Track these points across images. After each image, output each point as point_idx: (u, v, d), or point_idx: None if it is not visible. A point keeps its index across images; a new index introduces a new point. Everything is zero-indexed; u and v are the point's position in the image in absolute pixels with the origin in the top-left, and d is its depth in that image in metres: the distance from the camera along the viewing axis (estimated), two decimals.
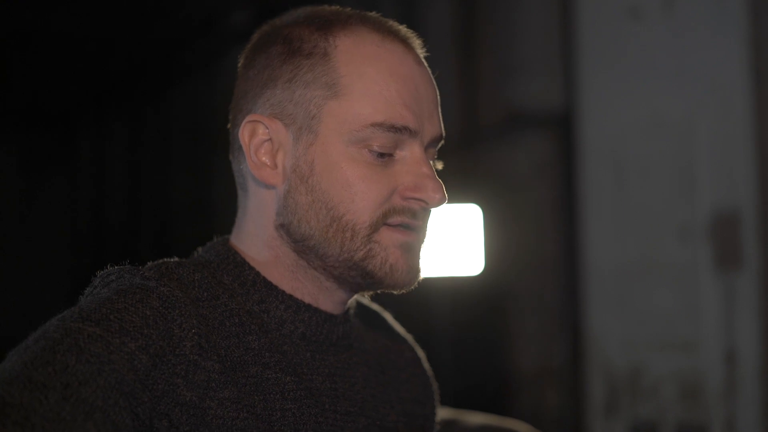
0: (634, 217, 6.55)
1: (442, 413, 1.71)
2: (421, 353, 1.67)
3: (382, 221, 1.39)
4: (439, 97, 1.45)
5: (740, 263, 5.94)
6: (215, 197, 6.67)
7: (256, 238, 1.44)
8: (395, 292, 1.44)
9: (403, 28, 1.45)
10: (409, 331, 1.67)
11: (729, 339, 5.99)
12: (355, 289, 1.44)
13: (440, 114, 1.45)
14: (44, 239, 7.26)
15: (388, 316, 1.64)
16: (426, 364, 1.67)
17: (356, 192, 1.37)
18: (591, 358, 6.89)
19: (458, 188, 1.42)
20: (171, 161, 7.37)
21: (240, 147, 1.43)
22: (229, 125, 1.49)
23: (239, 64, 1.49)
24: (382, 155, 1.37)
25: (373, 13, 1.46)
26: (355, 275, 1.41)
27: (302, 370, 1.40)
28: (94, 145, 7.61)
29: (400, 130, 1.37)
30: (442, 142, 1.45)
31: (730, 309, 5.95)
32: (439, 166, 1.44)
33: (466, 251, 6.07)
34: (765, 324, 5.90)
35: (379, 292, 1.45)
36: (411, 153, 1.40)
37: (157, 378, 1.26)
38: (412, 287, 1.43)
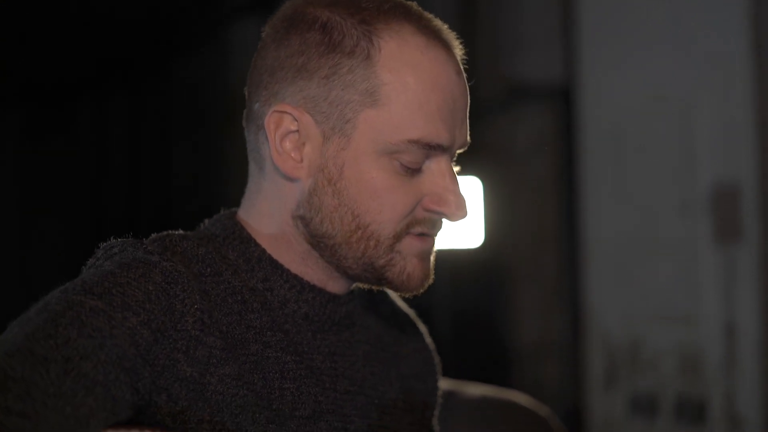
0: (634, 190, 6.54)
1: (442, 384, 1.72)
2: (423, 328, 1.67)
3: (405, 232, 1.38)
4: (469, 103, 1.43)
5: (740, 237, 5.94)
6: (217, 172, 6.66)
7: (269, 219, 1.42)
8: (404, 295, 1.45)
9: (445, 29, 1.41)
10: (409, 305, 1.67)
11: (729, 312, 5.99)
12: (364, 283, 1.44)
13: (468, 121, 1.43)
14: (44, 212, 7.25)
15: (391, 291, 1.63)
16: (428, 339, 1.67)
17: (384, 203, 1.36)
18: (590, 332, 6.89)
19: (458, 161, 1.41)
20: (172, 135, 7.36)
21: (260, 125, 1.41)
22: (245, 91, 1.46)
23: (264, 33, 1.44)
24: (410, 168, 1.37)
25: (413, 3, 1.43)
26: (370, 276, 1.40)
27: (303, 349, 1.40)
28: (95, 118, 7.60)
29: (433, 147, 1.36)
30: (466, 147, 1.44)
31: (729, 282, 5.95)
32: (457, 168, 1.43)
33: (465, 224, 6.06)
34: (765, 297, 5.90)
35: None
36: (438, 165, 1.39)
37: (158, 353, 1.26)
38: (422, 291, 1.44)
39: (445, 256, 6.33)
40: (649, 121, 6.42)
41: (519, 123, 6.80)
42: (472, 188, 4.79)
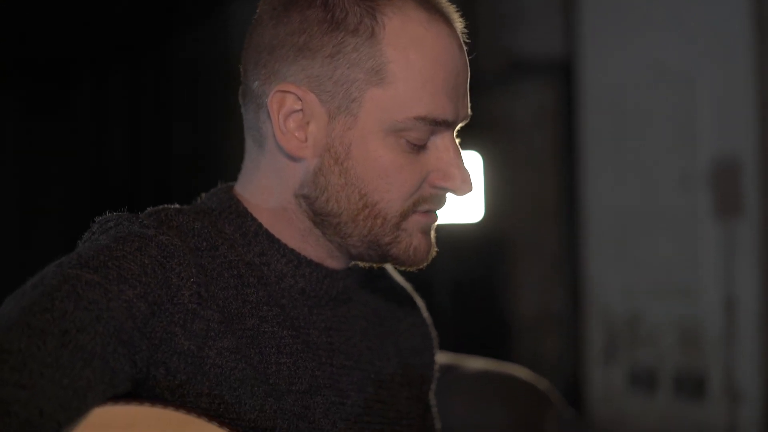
0: (634, 165, 6.53)
1: (441, 358, 1.72)
2: (420, 302, 1.67)
3: (412, 210, 1.38)
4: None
5: (740, 211, 5.93)
6: (216, 146, 6.65)
7: (269, 196, 1.41)
8: (409, 269, 1.45)
9: (445, 3, 1.40)
10: (407, 278, 1.67)
11: (728, 286, 5.99)
12: (367, 261, 1.44)
13: (468, 95, 1.43)
14: (43, 186, 7.24)
15: (388, 266, 1.63)
16: (425, 313, 1.67)
17: (392, 182, 1.35)
18: (590, 306, 6.89)
19: (458, 135, 1.40)
20: (172, 110, 7.34)
21: (260, 104, 1.39)
22: (241, 68, 1.45)
23: (260, 9, 1.42)
24: (416, 145, 1.36)
25: None
26: (374, 254, 1.40)
27: (299, 324, 1.40)
28: (94, 94, 7.59)
29: (439, 123, 1.36)
30: (467, 120, 1.43)
31: (729, 256, 5.95)
32: (458, 140, 1.42)
33: (466, 198, 6.05)
34: (764, 271, 5.90)
35: None
36: (442, 140, 1.38)
37: (155, 326, 1.25)
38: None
39: (446, 230, 6.33)
40: (649, 95, 6.41)
41: (519, 97, 6.78)
42: (472, 163, 4.79)
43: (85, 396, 1.15)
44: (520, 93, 6.52)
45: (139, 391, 1.25)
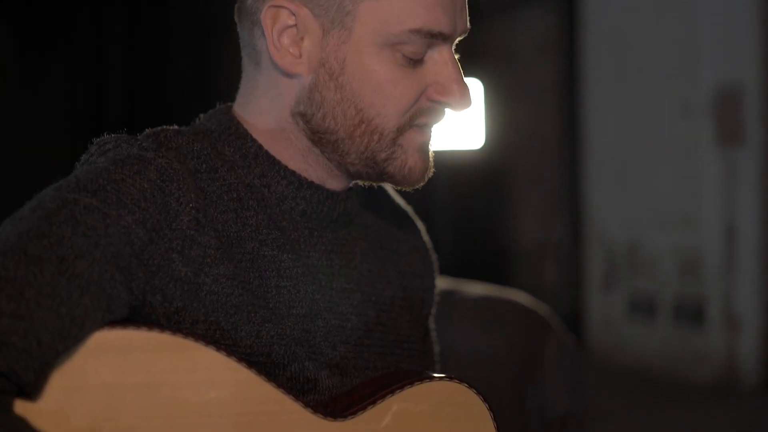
0: (636, 93, 6.51)
1: (441, 283, 1.71)
2: (421, 225, 1.66)
3: (409, 125, 1.36)
4: None
5: (742, 140, 5.92)
6: (215, 82, 6.62)
7: (267, 115, 1.40)
8: (404, 189, 1.43)
9: None
10: (408, 202, 1.66)
11: (729, 215, 5.99)
12: (365, 180, 1.43)
13: (467, 7, 1.40)
14: (42, 123, 7.22)
15: (389, 188, 1.62)
16: (426, 237, 1.66)
17: (388, 96, 1.34)
18: (590, 234, 6.90)
19: (459, 62, 1.38)
20: (170, 45, 7.31)
21: (255, 20, 1.38)
22: None
23: None
24: (412, 59, 1.34)
25: None
26: (371, 172, 1.39)
27: (299, 247, 1.39)
28: (94, 19, 7.54)
29: (435, 36, 1.34)
30: (466, 33, 1.41)
31: (730, 185, 5.95)
32: (456, 56, 1.40)
33: (466, 125, 6.04)
34: (765, 200, 5.90)
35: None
36: (440, 54, 1.37)
37: (153, 253, 1.25)
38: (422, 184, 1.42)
39: (446, 157, 6.32)
40: (651, 23, 6.37)
41: (521, 25, 6.73)
42: (473, 89, 4.77)
43: (83, 324, 1.15)
44: (521, 20, 6.47)
45: (135, 317, 1.25)
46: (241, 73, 1.44)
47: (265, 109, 1.40)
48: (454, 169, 6.34)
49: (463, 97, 1.37)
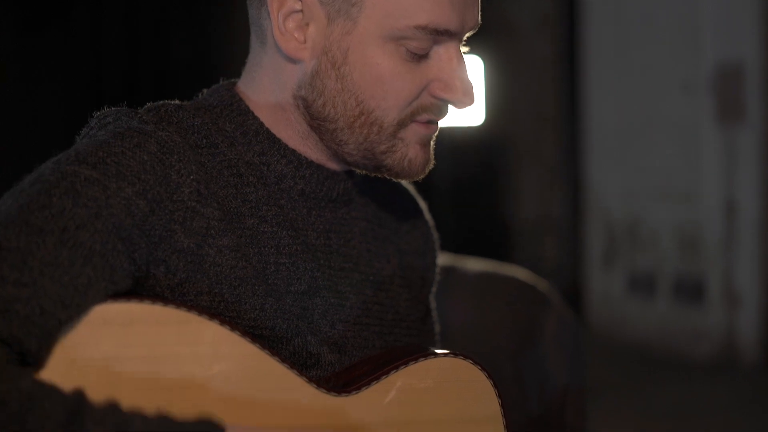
0: (637, 70, 6.50)
1: (441, 259, 1.71)
2: (422, 204, 1.66)
3: (410, 119, 1.36)
4: None
5: (742, 116, 5.92)
6: (215, 65, 6.61)
7: (269, 94, 1.39)
8: (404, 181, 1.43)
9: None
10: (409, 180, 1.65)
11: (729, 191, 5.99)
12: (361, 170, 1.42)
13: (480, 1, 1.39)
14: (41, 97, 7.21)
15: None
16: (427, 215, 1.66)
17: (388, 90, 1.33)
18: (590, 209, 6.90)
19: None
20: (170, 17, 7.29)
21: (263, 0, 1.37)
22: None
23: None
24: (417, 54, 1.34)
25: None
26: (368, 163, 1.38)
27: (298, 225, 1.39)
28: (91, 5, 7.53)
29: (441, 33, 1.33)
30: (476, 29, 1.40)
31: (730, 161, 5.95)
32: (465, 49, 1.39)
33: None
34: (765, 176, 5.90)
35: None
36: (446, 50, 1.35)
37: (155, 224, 1.24)
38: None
39: (446, 133, 6.32)
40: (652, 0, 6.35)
41: (521, 0, 6.72)
42: (473, 66, 4.75)
43: (86, 293, 1.15)
44: None
45: (139, 290, 1.25)
46: (249, 50, 1.44)
47: (267, 87, 1.39)
48: (455, 146, 6.33)
49: (465, 95, 1.36)
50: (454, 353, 1.35)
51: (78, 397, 1.10)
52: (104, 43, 7.33)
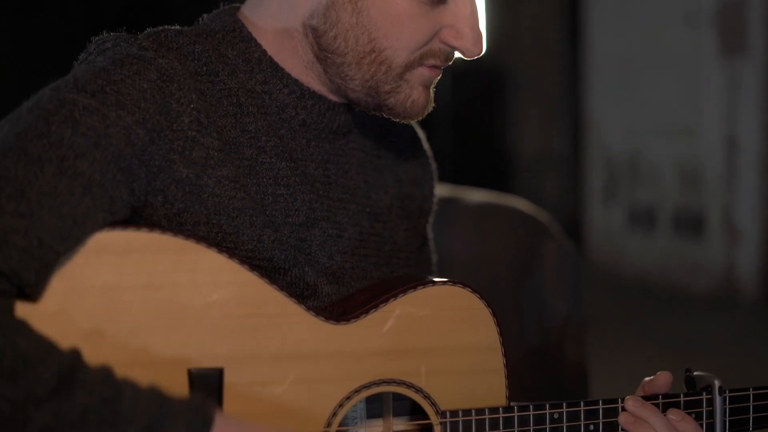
0: (638, 2, 6.46)
1: (441, 191, 1.71)
2: (421, 133, 1.65)
3: (418, 62, 1.35)
4: None
5: (744, 50, 5.89)
6: None
7: (277, 20, 1.38)
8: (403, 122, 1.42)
9: None
10: None
11: (730, 126, 5.98)
12: (362, 107, 1.41)
13: None
14: (40, 21, 7.18)
15: None
16: (426, 145, 1.65)
17: (403, 30, 1.32)
18: (590, 144, 6.89)
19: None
20: None
21: None
22: None
23: None
24: None
25: None
26: (370, 101, 1.38)
27: (297, 156, 1.38)
28: None
29: None
30: None
31: (732, 96, 5.93)
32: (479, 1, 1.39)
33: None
34: (766, 111, 5.88)
35: None
36: None
37: (154, 153, 1.24)
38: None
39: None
40: None
41: None
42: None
43: (84, 224, 1.15)
44: None
45: (137, 219, 1.25)
46: None
47: (276, 12, 1.37)
48: (454, 77, 6.31)
49: (474, 44, 1.35)
50: (453, 281, 1.35)
51: (73, 361, 1.09)
52: None
